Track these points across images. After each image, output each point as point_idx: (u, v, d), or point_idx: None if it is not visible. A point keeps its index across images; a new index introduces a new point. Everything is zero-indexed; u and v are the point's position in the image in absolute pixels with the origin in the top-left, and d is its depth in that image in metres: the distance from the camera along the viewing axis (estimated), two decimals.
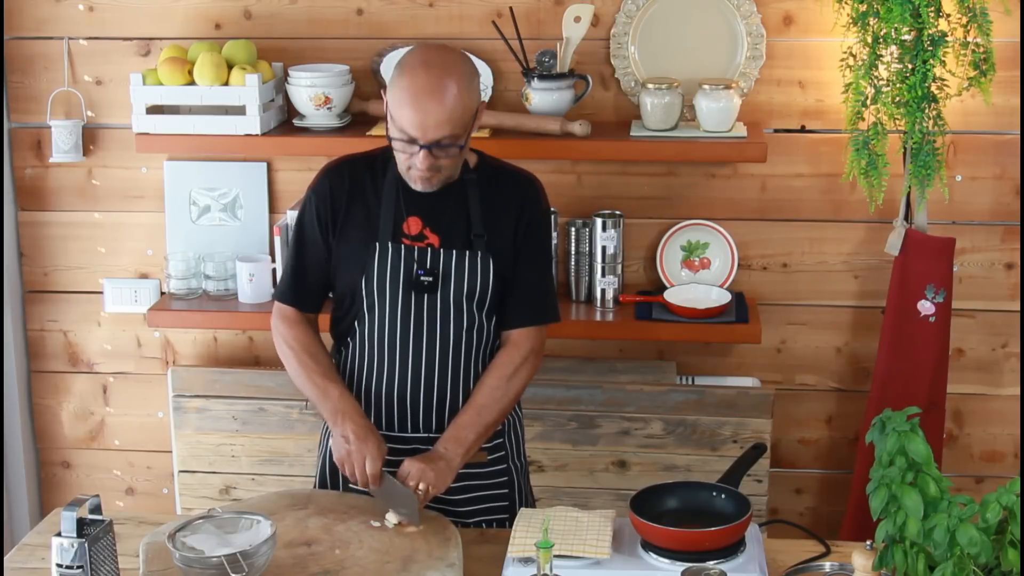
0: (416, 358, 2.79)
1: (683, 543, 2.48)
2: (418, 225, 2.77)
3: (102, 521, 2.36)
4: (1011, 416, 3.77)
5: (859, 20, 3.28)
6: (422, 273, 2.76)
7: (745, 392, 3.63)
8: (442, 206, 2.77)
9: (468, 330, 2.80)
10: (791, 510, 3.86)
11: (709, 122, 3.48)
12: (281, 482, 3.73)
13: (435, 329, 2.78)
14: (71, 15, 3.73)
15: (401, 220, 2.77)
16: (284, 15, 3.68)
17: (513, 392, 2.81)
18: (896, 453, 2.21)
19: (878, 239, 3.62)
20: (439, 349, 2.79)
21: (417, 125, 2.62)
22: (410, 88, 2.62)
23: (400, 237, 2.77)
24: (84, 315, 3.92)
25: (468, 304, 2.78)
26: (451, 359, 2.80)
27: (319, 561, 2.46)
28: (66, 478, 4.05)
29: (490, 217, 2.78)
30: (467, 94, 2.65)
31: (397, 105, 2.63)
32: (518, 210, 2.80)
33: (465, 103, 2.64)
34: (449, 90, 2.61)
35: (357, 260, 2.78)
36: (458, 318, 2.78)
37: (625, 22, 3.58)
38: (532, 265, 2.83)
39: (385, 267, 2.76)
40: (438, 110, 2.61)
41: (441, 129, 2.62)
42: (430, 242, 2.77)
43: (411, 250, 2.76)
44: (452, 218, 2.78)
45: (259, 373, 3.74)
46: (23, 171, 3.85)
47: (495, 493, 2.89)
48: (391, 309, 2.78)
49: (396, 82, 2.65)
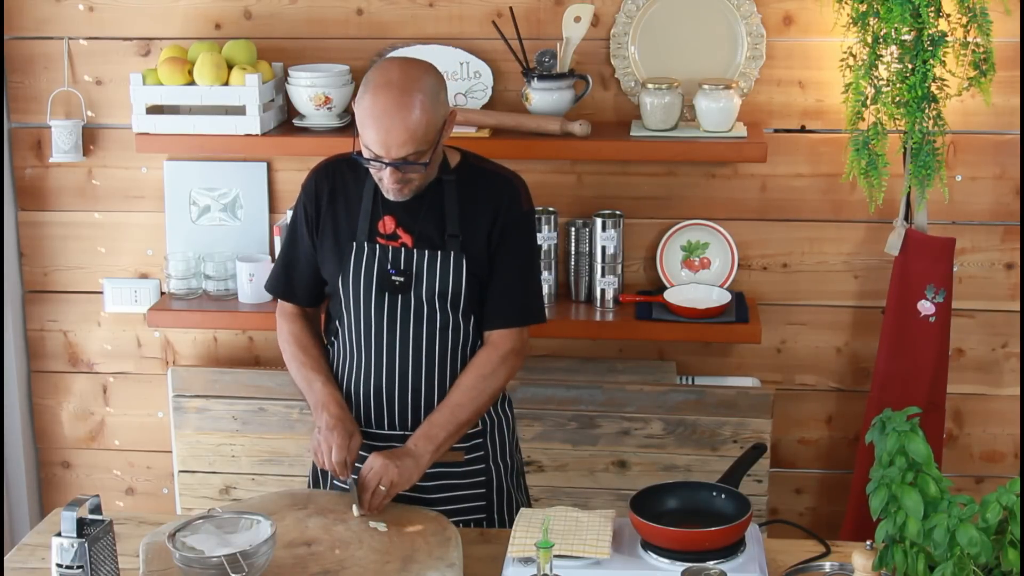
0: (391, 356, 2.81)
1: (683, 543, 2.48)
2: (392, 224, 2.79)
3: (102, 521, 2.36)
4: (1011, 416, 3.77)
5: (859, 20, 3.28)
6: (393, 273, 2.78)
7: (745, 392, 3.63)
8: (416, 206, 2.79)
9: (443, 329, 2.81)
10: (791, 510, 3.87)
11: (709, 122, 3.48)
12: (281, 482, 3.73)
13: (408, 328, 2.80)
14: (71, 15, 3.73)
15: (377, 219, 2.80)
16: (284, 15, 3.68)
17: (489, 392, 2.80)
18: (896, 453, 2.21)
19: (878, 239, 3.62)
20: (413, 348, 2.81)
21: (380, 144, 2.63)
22: (372, 109, 2.63)
23: (375, 236, 2.79)
24: (84, 315, 3.92)
25: (441, 304, 2.79)
26: (425, 358, 2.81)
27: (319, 561, 2.46)
28: (66, 478, 4.05)
29: (466, 217, 2.79)
30: (431, 110, 2.64)
31: (362, 124, 2.66)
32: (494, 212, 2.80)
33: (429, 119, 2.64)
34: (412, 110, 2.62)
35: (336, 259, 2.82)
36: (431, 317, 2.79)
37: (625, 22, 3.58)
38: (509, 266, 2.82)
39: (360, 266, 2.79)
40: (400, 129, 2.61)
41: (405, 148, 2.63)
42: (403, 241, 2.79)
43: (385, 249, 2.78)
44: (426, 218, 2.79)
45: (259, 373, 3.74)
46: (23, 171, 3.85)
47: (472, 493, 2.88)
48: (366, 308, 2.80)
49: (360, 101, 2.66)
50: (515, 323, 2.84)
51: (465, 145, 3.53)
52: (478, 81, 3.63)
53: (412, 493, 2.79)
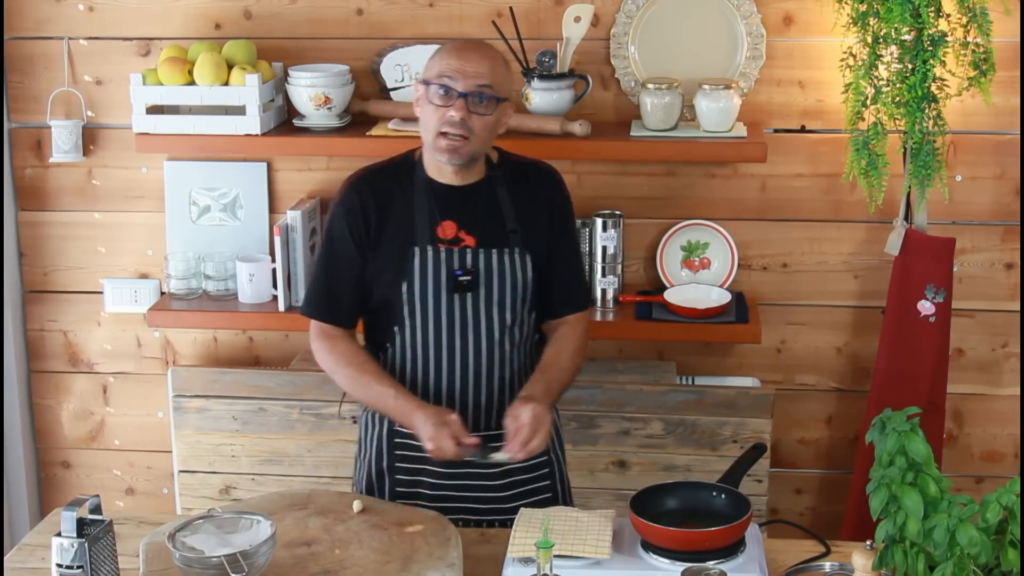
0: (462, 357, 2.82)
1: (683, 543, 2.48)
2: (453, 228, 2.80)
3: (102, 521, 2.36)
4: (1011, 416, 3.77)
5: (859, 20, 3.28)
6: (460, 273, 2.78)
7: (745, 392, 3.63)
8: (474, 206, 2.81)
9: (508, 327, 2.83)
10: (791, 510, 3.87)
11: (709, 122, 3.48)
12: (281, 482, 3.72)
13: (479, 328, 2.81)
14: (71, 15, 3.73)
15: (435, 224, 2.80)
16: (284, 15, 3.68)
17: (581, 365, 2.90)
18: (896, 453, 2.21)
19: (878, 239, 3.62)
20: (485, 348, 2.82)
21: (456, 70, 2.70)
22: (452, 45, 2.77)
23: (436, 242, 2.79)
24: (84, 315, 3.92)
25: (510, 301, 2.81)
26: (497, 355, 2.83)
27: (319, 561, 2.46)
28: (66, 478, 4.05)
29: (522, 212, 2.83)
30: (505, 66, 2.79)
31: (437, 59, 2.75)
32: (549, 204, 2.87)
33: (504, 69, 2.78)
34: (490, 49, 2.77)
35: (395, 267, 2.79)
36: (500, 316, 2.81)
37: (625, 22, 3.58)
38: (568, 253, 2.91)
39: (426, 270, 2.78)
40: (479, 59, 2.72)
41: (481, 77, 2.71)
42: (467, 244, 2.80)
43: (450, 252, 2.79)
44: (486, 217, 2.81)
45: (259, 373, 3.74)
46: (23, 171, 3.85)
47: (540, 486, 2.93)
48: (434, 312, 2.79)
49: (436, 52, 2.77)
50: (583, 307, 2.94)
51: None
52: None
53: (482, 494, 2.82)
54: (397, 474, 2.89)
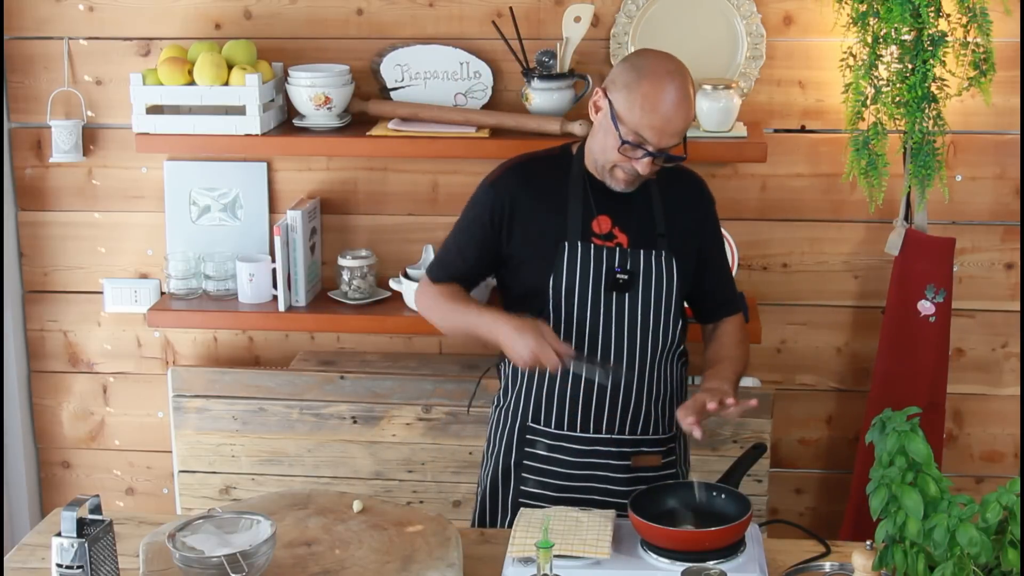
0: (615, 359, 2.78)
1: (683, 543, 2.48)
2: (607, 224, 2.78)
3: (102, 521, 2.36)
4: (1011, 416, 3.77)
5: (859, 20, 3.28)
6: (619, 271, 2.75)
7: (745, 392, 3.61)
8: (630, 205, 2.78)
9: (656, 330, 2.80)
10: (791, 510, 3.87)
11: (709, 122, 3.48)
12: (281, 482, 3.73)
13: (635, 328, 2.78)
14: (71, 15, 3.73)
15: (590, 218, 2.77)
16: (284, 15, 3.68)
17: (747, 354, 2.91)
18: (896, 453, 2.21)
19: (878, 239, 3.62)
20: (639, 349, 2.79)
21: (656, 131, 2.64)
22: (655, 96, 2.64)
23: (590, 236, 2.77)
24: (84, 315, 3.92)
25: (657, 303, 2.79)
26: (650, 358, 2.80)
27: (319, 561, 2.46)
28: (66, 478, 4.05)
29: (671, 216, 2.81)
30: (694, 106, 2.74)
31: (636, 110, 2.64)
32: (699, 211, 2.87)
33: (693, 111, 2.72)
34: (690, 102, 2.68)
35: (543, 259, 2.76)
36: (646, 317, 2.78)
37: (625, 22, 3.58)
38: (720, 258, 2.93)
39: (575, 266, 2.76)
40: (679, 120, 2.65)
41: (676, 137, 2.68)
42: (619, 241, 2.78)
43: (601, 249, 2.76)
44: (639, 217, 2.79)
45: (259, 373, 3.74)
46: (23, 171, 3.85)
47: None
48: (580, 308, 2.76)
49: (635, 87, 2.65)
50: (738, 310, 2.95)
51: (465, 145, 3.54)
52: (478, 81, 3.63)
53: (611, 499, 2.77)
54: (524, 472, 2.85)
